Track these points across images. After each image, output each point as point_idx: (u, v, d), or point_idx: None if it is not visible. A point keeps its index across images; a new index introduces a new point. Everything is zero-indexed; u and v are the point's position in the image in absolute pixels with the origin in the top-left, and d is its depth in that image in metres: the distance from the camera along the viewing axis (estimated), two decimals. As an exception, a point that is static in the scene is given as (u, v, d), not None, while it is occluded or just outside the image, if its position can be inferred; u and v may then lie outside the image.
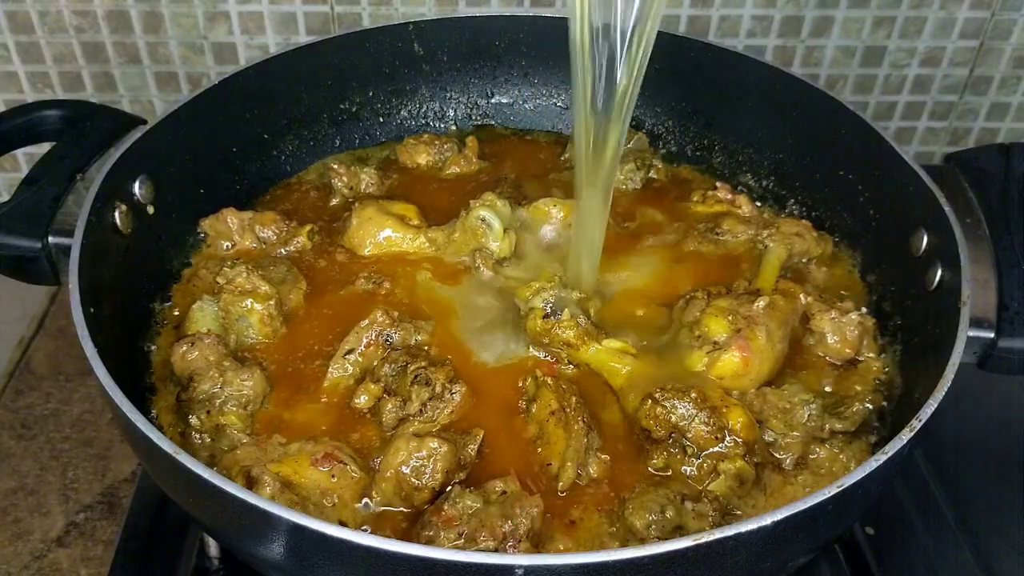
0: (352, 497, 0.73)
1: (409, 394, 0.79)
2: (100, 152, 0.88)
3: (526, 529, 0.68)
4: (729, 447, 0.75)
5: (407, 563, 0.57)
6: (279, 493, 0.70)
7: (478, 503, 0.70)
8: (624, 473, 0.76)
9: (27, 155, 1.30)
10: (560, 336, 0.83)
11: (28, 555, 0.94)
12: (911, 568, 0.92)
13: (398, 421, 0.79)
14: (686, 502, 0.73)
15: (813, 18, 1.24)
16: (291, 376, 0.84)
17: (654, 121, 1.13)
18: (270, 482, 0.70)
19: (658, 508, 0.71)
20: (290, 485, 0.72)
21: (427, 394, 0.79)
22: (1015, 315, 0.77)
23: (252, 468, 0.72)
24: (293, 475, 0.73)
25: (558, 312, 0.83)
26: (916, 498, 0.97)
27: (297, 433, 0.79)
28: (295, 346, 0.86)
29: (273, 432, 0.79)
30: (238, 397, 0.80)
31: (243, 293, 0.85)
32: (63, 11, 1.20)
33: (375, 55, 1.10)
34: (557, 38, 1.11)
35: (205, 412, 0.79)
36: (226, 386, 0.80)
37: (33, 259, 0.81)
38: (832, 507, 0.62)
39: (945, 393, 0.68)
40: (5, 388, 1.11)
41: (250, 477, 0.72)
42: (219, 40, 1.23)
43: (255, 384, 0.80)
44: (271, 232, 0.97)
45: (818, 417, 0.79)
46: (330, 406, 0.82)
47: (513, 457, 0.77)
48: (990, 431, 1.03)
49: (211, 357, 0.82)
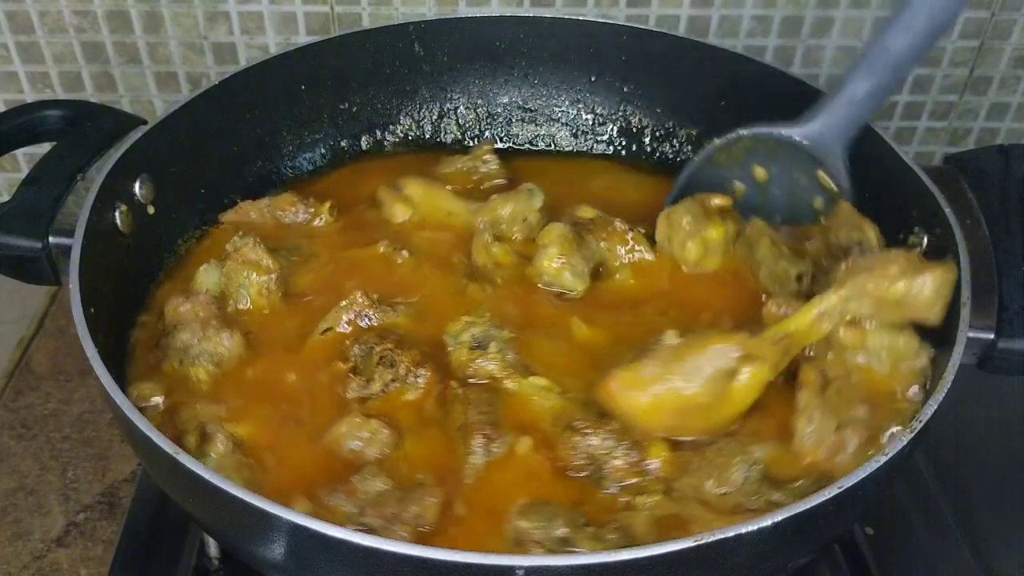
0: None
1: (373, 374, 0.81)
2: (100, 152, 0.88)
3: (411, 516, 0.69)
4: (647, 482, 0.74)
5: (407, 563, 0.57)
6: (230, 452, 0.74)
7: (385, 486, 0.72)
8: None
9: (27, 155, 1.30)
10: (484, 368, 0.82)
11: (28, 555, 0.94)
12: (911, 568, 0.92)
13: (360, 400, 0.80)
14: (589, 526, 0.70)
15: (813, 18, 1.24)
16: (271, 347, 0.86)
17: (654, 121, 1.13)
18: (223, 440, 0.74)
19: (549, 517, 0.70)
20: (242, 445, 0.75)
21: (390, 375, 0.80)
22: (1015, 316, 0.77)
23: (207, 424, 0.76)
24: (246, 435, 0.76)
25: (485, 345, 0.83)
26: (916, 498, 0.97)
27: (260, 399, 0.81)
28: (288, 321, 0.88)
29: (239, 396, 0.81)
30: (212, 354, 0.83)
31: (246, 263, 0.88)
32: (63, 11, 1.20)
33: (375, 55, 1.10)
34: (557, 38, 1.12)
35: (178, 360, 0.82)
36: (204, 341, 0.83)
37: (33, 259, 0.81)
38: (832, 507, 0.62)
39: (945, 394, 0.68)
40: (5, 388, 1.11)
41: (204, 433, 0.75)
42: (219, 40, 1.23)
43: (232, 346, 0.83)
44: (291, 213, 0.98)
45: (756, 482, 0.73)
46: (299, 380, 0.83)
47: (444, 447, 0.78)
48: (990, 431, 1.03)
49: (201, 313, 0.84)
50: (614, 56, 1.11)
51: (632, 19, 1.23)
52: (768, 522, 0.59)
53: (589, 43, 1.11)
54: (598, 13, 1.23)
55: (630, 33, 1.10)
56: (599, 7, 1.23)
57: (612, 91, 1.14)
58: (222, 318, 0.85)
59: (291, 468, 0.76)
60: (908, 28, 0.84)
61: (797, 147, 0.90)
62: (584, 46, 1.12)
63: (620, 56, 1.11)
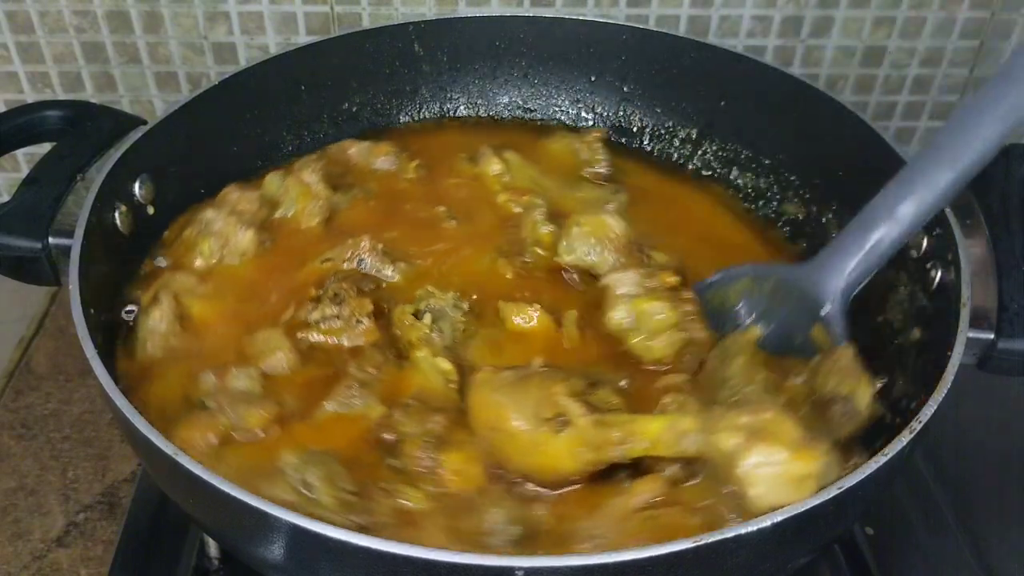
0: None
1: (322, 307, 0.84)
2: (100, 152, 0.88)
3: (257, 419, 0.75)
4: (425, 481, 0.72)
5: (408, 564, 0.57)
6: (170, 321, 0.81)
7: (251, 388, 0.78)
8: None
9: (27, 155, 1.30)
10: (407, 333, 0.82)
11: (28, 555, 0.94)
12: (911, 568, 0.92)
13: (297, 323, 0.84)
14: (351, 493, 0.70)
15: (813, 18, 1.24)
16: (276, 261, 0.91)
17: (654, 121, 1.13)
18: (167, 308, 0.81)
19: (323, 465, 0.70)
20: (187, 320, 0.83)
21: (334, 312, 0.83)
22: (1015, 316, 0.77)
23: (163, 291, 0.83)
24: (197, 314, 0.84)
25: (423, 315, 0.83)
26: (916, 498, 0.97)
27: (232, 294, 0.87)
28: (311, 246, 0.92)
29: (219, 284, 0.87)
30: (225, 237, 0.89)
31: (299, 184, 0.95)
32: (63, 11, 1.20)
33: (375, 55, 1.10)
34: (557, 38, 1.12)
35: (198, 230, 0.90)
36: (227, 224, 0.90)
37: (33, 259, 0.81)
38: (832, 508, 0.62)
39: (945, 394, 0.68)
40: (5, 388, 1.11)
41: (156, 296, 0.83)
42: (219, 40, 1.23)
43: (242, 241, 0.90)
44: (381, 159, 1.04)
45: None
46: (276, 295, 0.88)
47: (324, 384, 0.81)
48: (990, 431, 1.03)
49: (242, 205, 0.92)
50: (614, 56, 1.12)
51: (632, 19, 1.23)
52: (768, 522, 0.59)
53: (589, 43, 1.11)
54: (598, 13, 1.23)
55: (630, 33, 1.10)
56: (599, 7, 1.23)
57: (612, 91, 1.14)
58: (255, 218, 0.92)
59: (208, 355, 0.82)
60: (953, 163, 0.73)
61: (796, 288, 0.81)
62: (584, 46, 1.12)
63: (620, 56, 1.11)
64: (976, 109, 0.73)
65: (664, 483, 0.68)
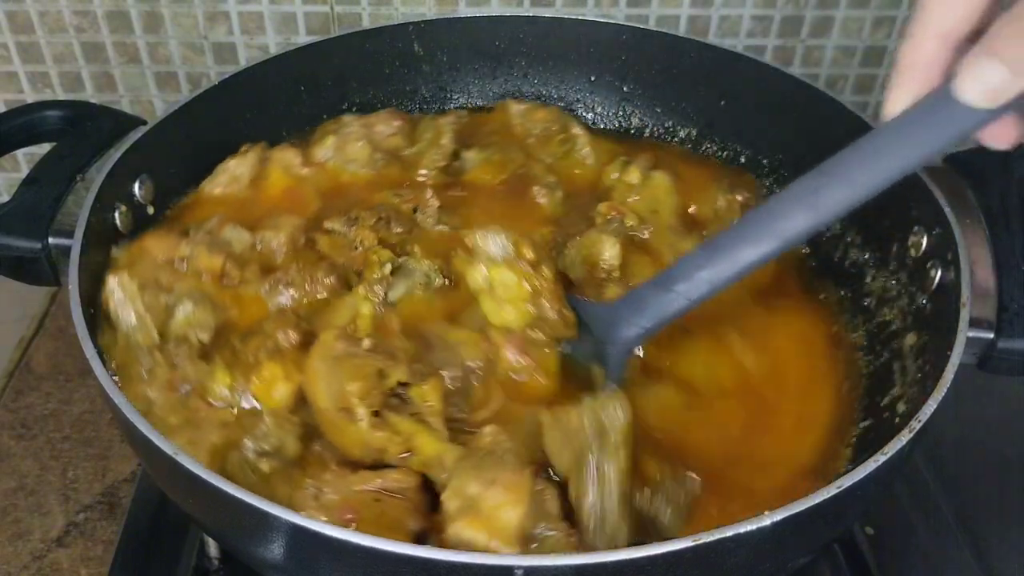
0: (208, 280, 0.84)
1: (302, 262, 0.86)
2: (100, 152, 0.88)
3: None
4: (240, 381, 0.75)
5: (407, 563, 0.57)
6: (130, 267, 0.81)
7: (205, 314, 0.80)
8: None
9: (27, 155, 1.31)
10: (368, 272, 0.84)
11: (28, 555, 0.94)
12: (911, 568, 0.92)
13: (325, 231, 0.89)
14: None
15: (813, 18, 1.24)
16: (310, 204, 0.96)
17: (654, 121, 1.13)
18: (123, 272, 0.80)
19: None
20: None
21: (344, 230, 0.88)
22: (1015, 316, 0.77)
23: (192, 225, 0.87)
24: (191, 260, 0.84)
25: (385, 266, 0.84)
26: (916, 498, 0.97)
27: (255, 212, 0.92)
28: (365, 189, 0.98)
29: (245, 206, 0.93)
30: (349, 138, 1.00)
31: (434, 128, 1.03)
32: (63, 11, 1.20)
33: (375, 55, 1.10)
34: (557, 38, 1.12)
35: (334, 127, 1.01)
36: (355, 131, 1.01)
37: (33, 260, 0.81)
38: (832, 507, 0.62)
39: (945, 394, 0.68)
40: (5, 388, 1.11)
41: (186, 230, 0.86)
42: (219, 40, 1.23)
43: (357, 149, 1.00)
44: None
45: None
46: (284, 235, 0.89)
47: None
48: (990, 431, 1.03)
49: (377, 127, 1.02)
50: (614, 56, 1.12)
51: (632, 19, 1.23)
52: (767, 522, 0.59)
53: (589, 43, 1.11)
54: (598, 13, 1.23)
55: (630, 33, 1.10)
56: (599, 7, 1.23)
57: (612, 91, 1.14)
58: (385, 142, 1.01)
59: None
60: (756, 243, 0.71)
61: (595, 323, 0.81)
62: (584, 46, 1.12)
63: (620, 56, 1.11)
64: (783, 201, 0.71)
65: (412, 481, 0.70)
